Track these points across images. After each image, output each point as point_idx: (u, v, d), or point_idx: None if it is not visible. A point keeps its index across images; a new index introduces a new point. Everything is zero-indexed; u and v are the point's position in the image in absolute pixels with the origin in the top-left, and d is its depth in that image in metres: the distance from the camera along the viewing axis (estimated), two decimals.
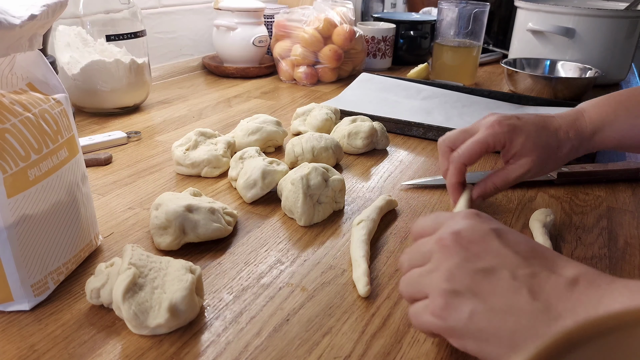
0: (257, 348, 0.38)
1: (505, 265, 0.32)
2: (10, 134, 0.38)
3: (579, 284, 0.30)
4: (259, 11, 1.18)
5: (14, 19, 0.38)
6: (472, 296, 0.31)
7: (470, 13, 1.16)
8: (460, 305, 0.32)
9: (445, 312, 0.32)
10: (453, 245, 0.33)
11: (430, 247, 0.35)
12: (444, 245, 0.34)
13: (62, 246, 0.44)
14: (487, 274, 0.32)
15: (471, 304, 0.31)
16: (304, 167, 0.58)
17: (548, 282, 0.31)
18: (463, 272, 0.32)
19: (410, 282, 0.36)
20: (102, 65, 0.85)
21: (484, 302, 0.31)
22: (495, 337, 0.30)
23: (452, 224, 0.35)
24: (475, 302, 0.31)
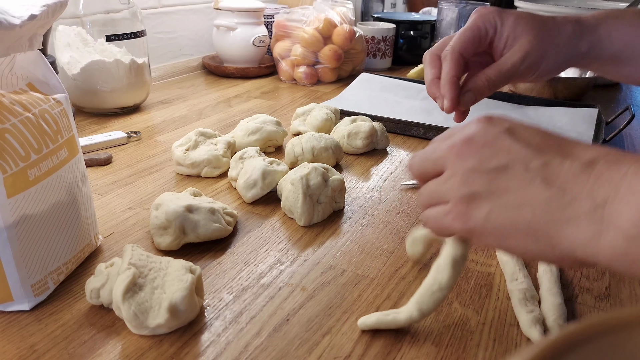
0: (257, 348, 0.38)
1: (518, 160, 0.31)
2: (10, 134, 0.38)
3: (597, 165, 0.29)
4: (259, 11, 1.18)
5: (14, 19, 0.38)
6: (489, 195, 0.32)
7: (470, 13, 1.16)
8: (479, 206, 0.32)
9: (466, 215, 0.33)
10: (466, 151, 0.33)
11: (442, 154, 0.35)
12: (457, 152, 0.34)
13: (62, 246, 0.44)
14: (501, 171, 0.32)
15: (488, 203, 0.32)
16: (303, 167, 0.58)
17: (562, 167, 0.30)
18: (478, 174, 0.33)
19: (429, 193, 0.36)
20: (102, 65, 0.85)
21: (500, 199, 0.31)
22: (514, 230, 0.31)
23: (464, 130, 0.35)
24: (491, 200, 0.32)
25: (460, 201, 0.33)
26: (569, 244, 0.29)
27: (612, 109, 1.03)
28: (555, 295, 0.43)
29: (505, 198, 0.31)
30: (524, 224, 0.30)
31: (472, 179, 0.33)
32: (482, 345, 0.40)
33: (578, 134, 0.82)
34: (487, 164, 0.32)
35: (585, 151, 0.31)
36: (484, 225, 0.32)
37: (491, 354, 0.39)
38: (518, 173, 0.31)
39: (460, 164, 0.34)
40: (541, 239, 0.30)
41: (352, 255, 0.51)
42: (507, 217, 0.31)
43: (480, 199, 0.32)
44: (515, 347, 0.40)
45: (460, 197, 0.33)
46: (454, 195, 0.34)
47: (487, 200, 0.32)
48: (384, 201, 0.62)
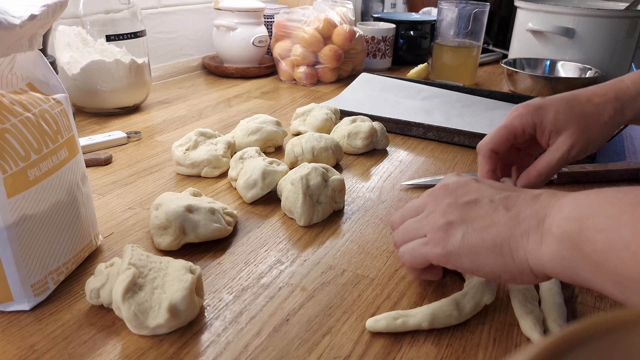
0: (257, 348, 0.38)
1: (485, 196, 0.40)
2: (10, 134, 0.38)
3: (542, 196, 0.37)
4: (259, 11, 1.18)
5: (14, 19, 0.38)
6: (463, 222, 0.39)
7: (470, 13, 1.16)
8: (455, 232, 0.39)
9: (444, 240, 0.39)
10: (443, 193, 0.42)
11: (422, 201, 0.44)
12: (435, 196, 0.43)
13: (62, 246, 0.44)
14: (472, 204, 0.40)
15: (462, 228, 0.39)
16: (303, 167, 0.58)
17: (518, 198, 0.39)
18: (454, 208, 0.40)
19: (407, 229, 0.43)
20: (102, 65, 0.85)
21: (472, 224, 0.39)
22: (483, 247, 0.38)
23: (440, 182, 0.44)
24: (465, 226, 0.39)
25: (439, 229, 0.40)
26: (523, 253, 0.36)
27: None
28: (555, 295, 0.43)
29: (477, 223, 0.39)
30: (491, 240, 0.37)
31: (449, 211, 0.40)
32: (482, 345, 0.40)
33: None
34: (460, 199, 0.41)
35: (533, 190, 0.39)
36: (460, 246, 0.39)
37: (491, 354, 0.39)
38: (485, 204, 0.40)
39: (438, 203, 0.42)
40: (504, 252, 0.37)
41: (352, 255, 0.51)
42: (478, 237, 0.38)
43: (456, 225, 0.39)
44: (515, 347, 0.40)
45: (439, 227, 0.40)
46: (433, 226, 0.40)
47: (461, 226, 0.39)
48: (384, 201, 0.62)
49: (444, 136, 0.82)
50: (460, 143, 0.81)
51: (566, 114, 0.48)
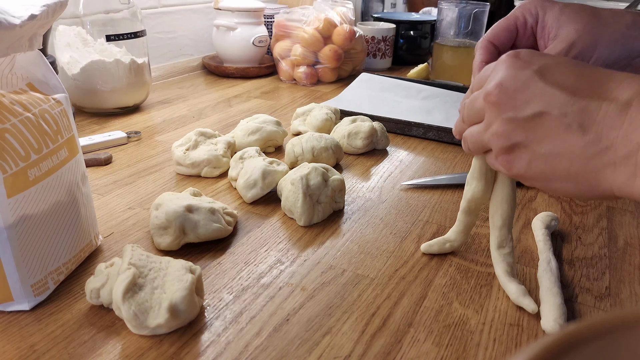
0: (257, 348, 0.38)
1: (554, 106, 0.32)
2: (10, 134, 0.38)
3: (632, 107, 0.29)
4: (259, 11, 1.18)
5: (14, 19, 0.38)
6: (528, 144, 0.33)
7: (470, 13, 1.16)
8: (519, 156, 0.34)
9: (508, 164, 0.35)
10: (500, 100, 0.34)
11: (480, 104, 0.37)
12: (491, 101, 0.35)
13: (62, 246, 0.44)
14: (537, 118, 0.32)
15: (528, 153, 0.33)
16: (303, 167, 0.58)
17: (599, 112, 0.30)
18: (515, 124, 0.33)
19: (473, 140, 0.39)
20: (102, 65, 0.85)
21: (539, 148, 0.33)
22: (554, 176, 0.33)
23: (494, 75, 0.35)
24: (531, 150, 0.33)
25: (502, 152, 0.35)
26: (607, 186, 0.30)
27: None
28: (555, 295, 0.43)
29: (544, 147, 0.32)
30: (564, 171, 0.32)
31: (510, 129, 0.34)
32: (482, 345, 0.40)
33: None
34: (522, 112, 0.33)
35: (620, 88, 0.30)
36: (526, 172, 0.34)
37: (491, 354, 0.39)
38: (554, 120, 0.32)
39: (496, 114, 0.35)
40: (581, 183, 0.32)
41: (352, 255, 0.51)
42: (547, 166, 0.33)
43: (519, 149, 0.34)
44: (515, 347, 0.40)
45: (500, 149, 0.35)
46: (495, 145, 0.36)
47: (526, 149, 0.33)
48: (384, 201, 0.62)
49: (444, 136, 0.82)
50: (460, 143, 0.80)
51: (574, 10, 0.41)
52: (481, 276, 0.48)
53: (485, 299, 0.45)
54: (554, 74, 0.33)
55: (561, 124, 0.31)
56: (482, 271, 0.49)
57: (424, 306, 0.44)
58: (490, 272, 0.49)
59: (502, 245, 0.46)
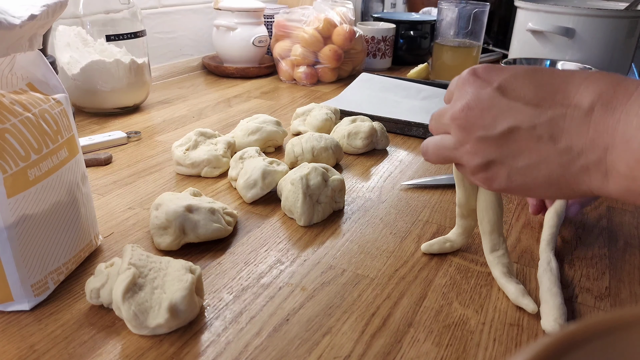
0: (257, 348, 0.38)
1: (522, 120, 0.33)
2: (10, 134, 0.38)
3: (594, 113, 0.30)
4: (259, 11, 1.18)
5: (14, 19, 0.38)
6: (503, 160, 0.34)
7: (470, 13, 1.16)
8: (497, 172, 0.34)
9: (488, 181, 0.35)
10: (468, 122, 0.35)
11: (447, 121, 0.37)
12: (460, 125, 0.35)
13: (62, 246, 0.44)
14: (508, 135, 0.33)
15: (505, 167, 0.34)
16: (303, 167, 0.58)
17: (564, 120, 0.31)
18: (487, 143, 0.34)
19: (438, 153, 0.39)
20: (102, 65, 0.85)
21: (515, 162, 0.33)
22: (535, 184, 0.33)
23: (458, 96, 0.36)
24: (507, 165, 0.34)
25: (478, 169, 0.35)
26: (586, 188, 0.32)
27: None
28: (555, 295, 0.43)
29: (520, 161, 0.33)
30: (544, 179, 0.33)
31: (483, 148, 0.34)
32: (482, 345, 0.40)
33: None
34: (492, 130, 0.34)
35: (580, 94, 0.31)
36: (507, 186, 0.35)
37: (491, 354, 0.39)
38: (525, 134, 0.32)
39: (466, 134, 0.35)
40: (562, 187, 0.33)
41: (352, 255, 0.51)
42: (526, 178, 0.33)
43: (496, 165, 0.34)
44: (515, 347, 0.40)
45: (476, 167, 0.35)
46: (470, 164, 0.36)
47: (502, 165, 0.34)
48: (384, 201, 0.62)
49: None
50: None
51: None
52: (481, 276, 0.48)
53: (485, 299, 0.45)
54: (515, 89, 0.34)
55: (532, 136, 0.32)
56: (482, 271, 0.49)
57: (423, 306, 0.44)
58: (490, 272, 0.49)
59: (495, 249, 0.46)
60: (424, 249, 0.51)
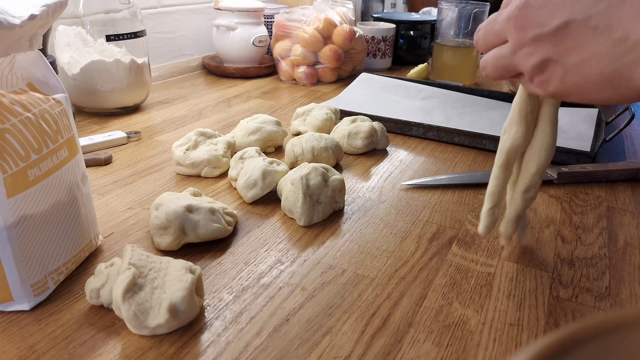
0: (257, 348, 0.38)
1: (578, 12, 0.32)
2: (10, 134, 0.38)
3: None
4: (259, 11, 1.18)
5: (14, 19, 0.38)
6: (558, 59, 0.33)
7: (470, 13, 1.16)
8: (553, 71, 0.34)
9: (543, 84, 0.35)
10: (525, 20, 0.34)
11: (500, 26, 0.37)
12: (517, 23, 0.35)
13: (62, 246, 0.44)
14: (564, 29, 0.33)
15: (560, 67, 0.33)
16: (303, 167, 0.58)
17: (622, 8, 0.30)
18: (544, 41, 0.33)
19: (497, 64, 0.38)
20: (102, 65, 0.85)
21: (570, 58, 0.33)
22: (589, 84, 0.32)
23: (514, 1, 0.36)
24: (562, 63, 0.33)
25: (534, 71, 0.35)
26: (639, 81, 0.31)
27: (612, 109, 1.03)
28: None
29: (574, 57, 0.32)
30: (597, 77, 0.32)
31: (539, 46, 0.34)
32: (482, 345, 0.40)
33: (578, 134, 0.82)
34: (548, 26, 0.33)
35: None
36: (562, 87, 0.34)
37: (491, 354, 0.39)
38: (580, 26, 0.32)
39: (523, 34, 0.34)
40: (616, 85, 0.32)
41: (352, 255, 0.51)
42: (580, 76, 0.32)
43: (551, 64, 0.34)
44: (515, 347, 0.40)
45: (532, 67, 0.35)
46: (526, 65, 0.35)
47: (557, 64, 0.33)
48: (384, 201, 0.62)
49: (444, 136, 0.82)
50: (460, 143, 0.81)
51: None
52: (481, 276, 0.48)
53: (485, 299, 0.45)
54: None
55: (587, 28, 0.31)
56: (482, 271, 0.49)
57: (424, 306, 0.44)
58: (490, 272, 0.49)
59: (528, 190, 0.46)
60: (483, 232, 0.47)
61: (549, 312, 0.44)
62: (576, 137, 0.80)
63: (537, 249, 0.53)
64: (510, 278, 0.48)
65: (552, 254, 0.52)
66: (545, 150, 0.44)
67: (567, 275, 0.49)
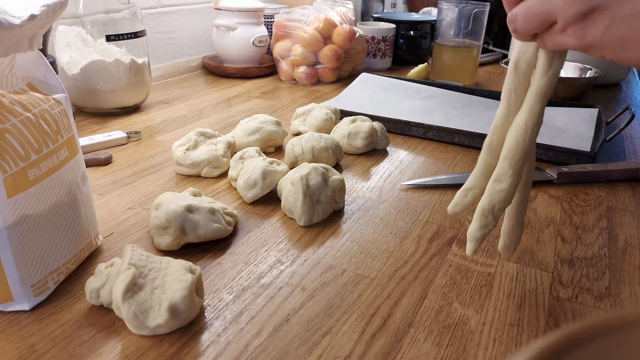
0: (257, 348, 0.38)
1: None
2: (10, 134, 0.38)
3: None
4: (259, 11, 1.18)
5: (14, 19, 0.38)
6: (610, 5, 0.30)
7: (470, 13, 1.16)
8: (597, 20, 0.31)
9: (581, 31, 0.31)
10: None
11: None
12: None
13: (62, 246, 0.44)
14: None
15: (608, 15, 0.30)
16: (303, 167, 0.58)
17: None
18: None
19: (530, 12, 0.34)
20: (102, 65, 0.85)
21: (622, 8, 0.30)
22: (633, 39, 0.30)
23: None
24: (611, 12, 0.30)
25: (574, 19, 0.31)
26: None
27: (612, 109, 1.03)
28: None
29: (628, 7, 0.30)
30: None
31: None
32: (482, 345, 0.40)
33: (578, 134, 0.82)
34: None
35: None
36: (602, 39, 0.31)
37: (491, 354, 0.39)
38: None
39: None
40: None
41: (352, 255, 0.51)
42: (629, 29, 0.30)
43: (598, 12, 0.31)
44: (515, 347, 0.40)
45: (573, 16, 0.31)
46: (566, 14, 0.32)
47: (605, 12, 0.30)
48: (384, 201, 0.62)
49: (444, 136, 0.82)
50: (460, 143, 0.81)
51: None
52: (481, 276, 0.48)
53: (485, 299, 0.45)
54: None
55: None
56: (482, 271, 0.49)
57: (424, 306, 0.44)
58: (490, 272, 0.49)
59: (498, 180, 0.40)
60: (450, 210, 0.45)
61: (549, 312, 0.44)
62: (576, 137, 0.80)
63: (537, 249, 0.53)
64: (510, 278, 0.48)
65: (552, 254, 0.52)
66: (514, 131, 0.38)
67: (567, 275, 0.49)
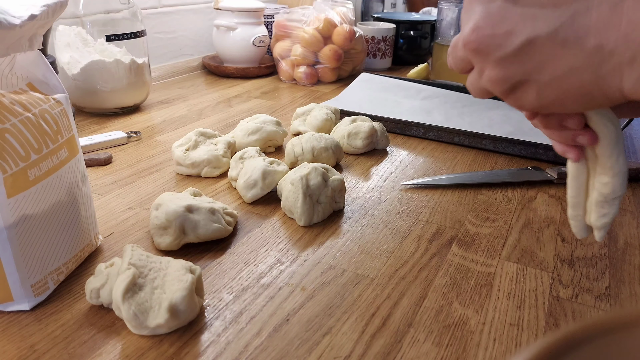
0: (257, 348, 0.38)
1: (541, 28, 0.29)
2: (10, 134, 0.38)
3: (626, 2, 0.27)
4: (259, 11, 1.18)
5: (14, 19, 0.38)
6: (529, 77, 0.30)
7: None
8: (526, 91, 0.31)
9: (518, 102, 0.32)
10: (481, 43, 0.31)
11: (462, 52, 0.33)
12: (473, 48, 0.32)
13: (62, 246, 0.44)
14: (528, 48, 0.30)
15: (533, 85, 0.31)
16: (303, 167, 0.58)
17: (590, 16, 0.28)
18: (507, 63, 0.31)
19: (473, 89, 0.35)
20: (102, 65, 0.85)
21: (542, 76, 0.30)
22: (567, 98, 0.30)
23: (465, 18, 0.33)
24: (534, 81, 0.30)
25: (506, 94, 0.32)
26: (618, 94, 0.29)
27: None
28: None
29: (546, 74, 0.30)
30: (577, 89, 0.29)
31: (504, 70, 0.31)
32: (482, 345, 0.40)
33: None
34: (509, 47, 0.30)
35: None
36: (540, 104, 0.31)
37: (491, 354, 0.39)
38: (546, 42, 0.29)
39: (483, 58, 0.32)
40: (595, 96, 0.29)
41: (352, 255, 0.51)
42: (558, 91, 0.30)
43: (522, 85, 0.31)
44: (515, 347, 0.40)
45: (503, 92, 0.32)
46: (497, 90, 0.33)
47: (529, 83, 0.31)
48: (384, 201, 0.62)
49: (444, 136, 0.82)
50: (460, 143, 0.81)
51: None
52: (481, 276, 0.48)
53: (485, 299, 0.45)
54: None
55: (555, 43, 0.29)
56: (482, 271, 0.49)
57: (424, 306, 0.44)
58: (490, 272, 0.49)
59: None
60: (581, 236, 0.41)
61: (549, 312, 0.44)
62: None
63: (537, 249, 0.53)
64: (510, 278, 0.48)
65: (552, 254, 0.52)
66: None
67: (567, 275, 0.49)
